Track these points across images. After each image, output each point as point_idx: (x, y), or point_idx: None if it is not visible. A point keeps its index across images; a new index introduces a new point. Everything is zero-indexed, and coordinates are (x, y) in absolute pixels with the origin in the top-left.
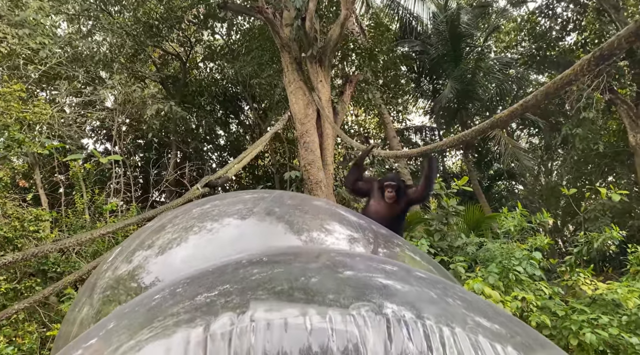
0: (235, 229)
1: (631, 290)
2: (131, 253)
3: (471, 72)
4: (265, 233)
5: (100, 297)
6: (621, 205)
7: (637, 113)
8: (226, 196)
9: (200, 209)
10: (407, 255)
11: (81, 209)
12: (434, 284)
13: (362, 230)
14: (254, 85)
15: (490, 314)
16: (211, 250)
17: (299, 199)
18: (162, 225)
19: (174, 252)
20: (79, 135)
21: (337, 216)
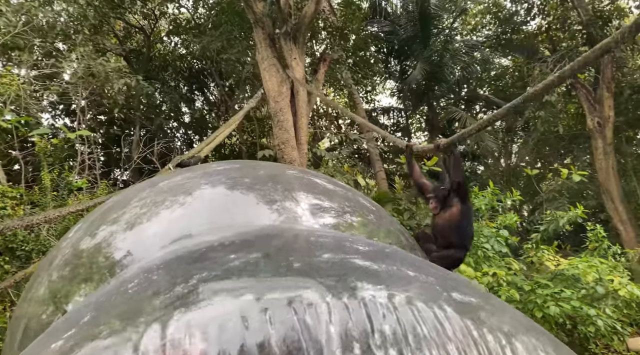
0: (205, 204)
1: (590, 266)
2: (94, 229)
3: (439, 54)
4: (236, 207)
5: (58, 276)
6: (577, 186)
7: (595, 97)
8: (195, 169)
9: (168, 183)
10: (383, 227)
11: (47, 186)
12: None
13: (335, 199)
14: (221, 61)
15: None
16: (179, 228)
17: (271, 168)
18: (128, 199)
19: (139, 227)
20: (39, 109)
21: (312, 186)
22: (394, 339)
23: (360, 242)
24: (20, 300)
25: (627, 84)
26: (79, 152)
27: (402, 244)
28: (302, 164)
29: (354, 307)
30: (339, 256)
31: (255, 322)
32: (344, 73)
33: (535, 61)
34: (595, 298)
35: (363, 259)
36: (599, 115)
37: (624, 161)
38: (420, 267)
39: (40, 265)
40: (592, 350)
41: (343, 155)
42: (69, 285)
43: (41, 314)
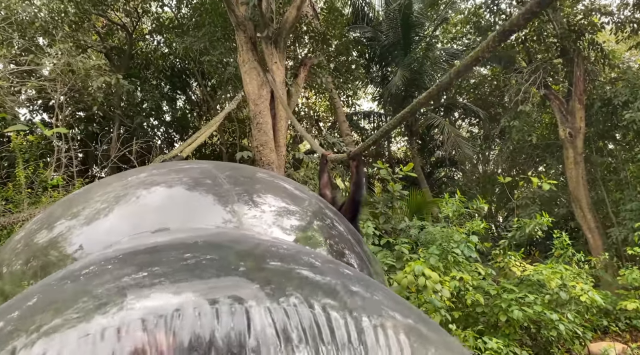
0: (163, 201)
1: (554, 272)
2: (53, 221)
3: (419, 61)
4: (194, 207)
5: (7, 270)
6: (549, 194)
7: (567, 108)
8: (164, 166)
9: (135, 178)
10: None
11: (22, 182)
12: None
13: (299, 205)
14: (204, 61)
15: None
16: (132, 225)
17: (237, 169)
18: (91, 191)
19: (99, 222)
20: (16, 105)
21: (277, 190)
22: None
23: (316, 256)
24: None
25: (598, 97)
26: (55, 149)
27: (355, 251)
28: (280, 166)
29: (276, 310)
30: (288, 266)
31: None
32: (325, 77)
33: (512, 71)
34: (559, 303)
35: (311, 271)
36: (571, 125)
37: (594, 171)
38: (369, 285)
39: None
40: (555, 353)
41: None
42: (18, 278)
43: None
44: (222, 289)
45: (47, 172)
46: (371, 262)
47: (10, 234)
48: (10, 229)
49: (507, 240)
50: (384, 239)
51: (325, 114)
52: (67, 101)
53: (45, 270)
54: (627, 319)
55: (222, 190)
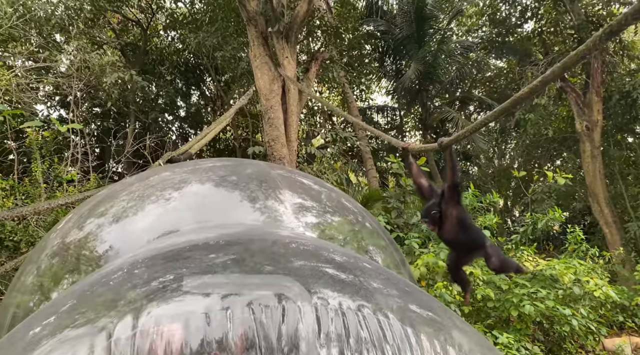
0: (193, 200)
1: (567, 267)
2: (82, 221)
3: (433, 54)
4: (220, 206)
5: (46, 266)
6: (565, 188)
7: (584, 101)
8: (185, 165)
9: (158, 177)
10: (364, 229)
11: (38, 177)
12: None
13: (321, 201)
14: (217, 57)
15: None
16: (165, 223)
17: (257, 166)
18: (116, 192)
19: (126, 221)
20: (33, 101)
21: (298, 186)
22: (337, 340)
23: (338, 252)
24: (8, 290)
25: (616, 89)
26: (71, 144)
27: (380, 246)
28: (291, 161)
29: (307, 311)
30: (312, 264)
31: (216, 319)
32: (337, 72)
33: (528, 64)
34: (572, 298)
35: (335, 269)
36: (588, 118)
37: (612, 165)
38: (389, 281)
39: (30, 256)
40: (568, 349)
41: (335, 153)
42: (56, 276)
43: (28, 303)
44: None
45: (62, 167)
46: (397, 251)
47: (27, 228)
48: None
49: (520, 234)
50: (395, 233)
51: (339, 109)
52: (83, 97)
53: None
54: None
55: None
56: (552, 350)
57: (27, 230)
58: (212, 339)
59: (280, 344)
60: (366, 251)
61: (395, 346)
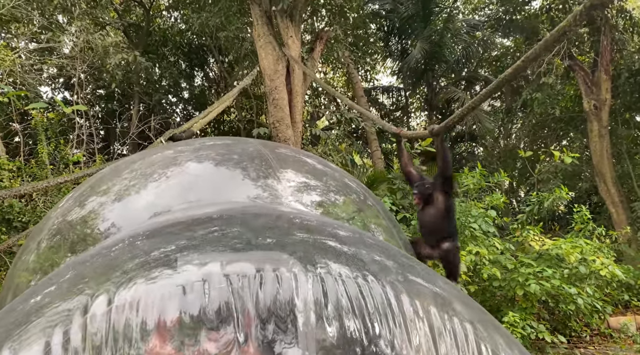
0: (192, 178)
1: (574, 246)
2: (83, 198)
3: (439, 33)
4: (222, 183)
5: (48, 242)
6: (572, 168)
7: (592, 80)
8: (189, 142)
9: (161, 155)
10: (368, 208)
11: (45, 159)
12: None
13: (324, 180)
14: (221, 37)
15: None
16: (166, 200)
17: (261, 145)
18: (118, 170)
19: (129, 199)
20: (37, 83)
21: (301, 165)
22: (344, 309)
23: (340, 227)
24: (11, 267)
25: (626, 67)
26: (76, 126)
27: (383, 226)
28: (296, 142)
29: (311, 280)
30: (314, 237)
31: (196, 292)
32: (341, 52)
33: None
34: (578, 278)
35: (337, 242)
36: (596, 97)
37: (619, 144)
38: (390, 254)
39: (31, 234)
40: (573, 327)
41: (340, 135)
42: (57, 253)
43: (30, 279)
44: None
45: (67, 149)
46: (399, 232)
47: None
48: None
49: (526, 214)
50: (401, 214)
51: (343, 89)
52: (87, 79)
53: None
54: None
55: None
56: (557, 328)
57: (35, 211)
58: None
59: (268, 313)
60: (369, 230)
61: (401, 316)
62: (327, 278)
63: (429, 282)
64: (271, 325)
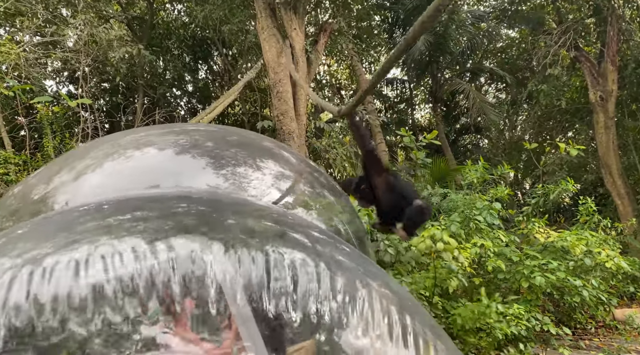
0: (154, 162)
1: (579, 238)
2: (50, 175)
3: (444, 24)
4: (183, 169)
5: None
6: (577, 159)
7: (599, 71)
8: (161, 127)
9: (131, 137)
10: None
11: (50, 153)
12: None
13: (285, 169)
14: (225, 30)
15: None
16: (122, 182)
17: (242, 136)
18: (88, 148)
19: (86, 178)
20: (42, 76)
21: (274, 157)
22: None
23: (294, 218)
24: None
25: (632, 58)
26: (81, 119)
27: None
28: (300, 135)
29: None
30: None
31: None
32: (345, 44)
33: (541, 33)
34: (584, 270)
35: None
36: (602, 89)
37: (625, 135)
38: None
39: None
40: (578, 319)
41: (344, 127)
42: (7, 223)
43: None
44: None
45: (73, 142)
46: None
47: None
48: None
49: (531, 206)
50: None
51: (347, 82)
52: (91, 72)
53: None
54: None
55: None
56: (562, 320)
57: None
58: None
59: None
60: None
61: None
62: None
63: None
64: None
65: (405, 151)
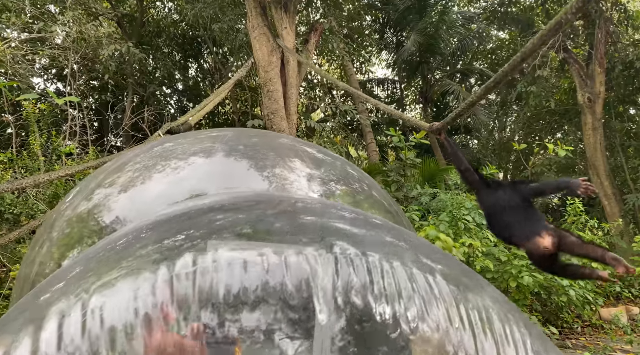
0: (199, 169)
1: None
2: (91, 192)
3: (435, 25)
4: (228, 173)
5: (60, 236)
6: (566, 161)
7: (587, 73)
8: (188, 135)
9: (162, 148)
10: (369, 197)
11: (37, 151)
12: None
13: (324, 169)
14: (215, 29)
15: (429, 253)
16: (173, 191)
17: (263, 135)
18: (123, 163)
19: (135, 191)
20: (29, 73)
21: (303, 155)
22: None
23: (346, 210)
24: (23, 261)
25: (620, 60)
26: (69, 117)
27: (386, 211)
28: (291, 134)
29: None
30: (324, 220)
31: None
32: (337, 44)
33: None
34: None
35: (346, 224)
36: (590, 90)
37: (613, 137)
38: (401, 235)
39: (42, 228)
40: (565, 319)
41: (335, 127)
42: (69, 245)
43: (43, 272)
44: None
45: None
46: (402, 219)
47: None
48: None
49: None
50: None
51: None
52: (80, 70)
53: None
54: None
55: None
56: (549, 320)
57: (27, 204)
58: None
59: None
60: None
61: (421, 296)
62: (342, 260)
63: (437, 259)
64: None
65: (395, 151)
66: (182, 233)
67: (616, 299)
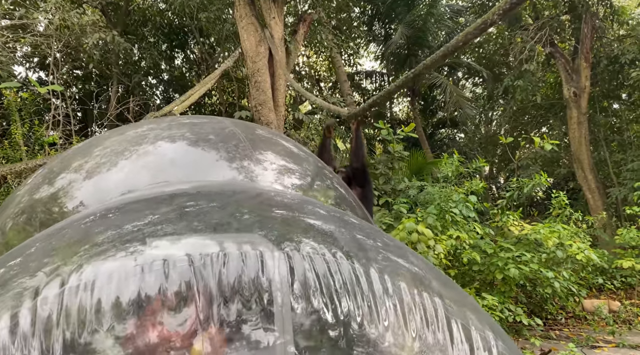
0: (167, 156)
1: (551, 231)
2: (54, 175)
3: (423, 18)
4: (198, 161)
5: (14, 221)
6: (551, 154)
7: (573, 67)
8: (164, 120)
9: (134, 132)
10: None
11: (19, 140)
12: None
13: (300, 164)
14: (202, 18)
15: (397, 253)
16: (139, 178)
17: (241, 126)
18: (91, 146)
19: (99, 177)
20: (10, 61)
21: (280, 148)
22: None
23: (318, 205)
24: None
25: (605, 55)
26: (52, 106)
27: (351, 207)
28: (279, 126)
29: (292, 258)
30: (291, 214)
31: (156, 272)
32: (325, 35)
33: (518, 29)
34: (555, 262)
35: (315, 219)
36: (576, 85)
37: (597, 131)
38: (371, 234)
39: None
40: (549, 310)
41: (323, 119)
42: (24, 232)
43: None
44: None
45: (42, 130)
46: (368, 218)
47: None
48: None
49: (506, 200)
50: (383, 199)
51: (326, 74)
52: (63, 59)
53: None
54: (622, 277)
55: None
56: (533, 311)
57: (8, 194)
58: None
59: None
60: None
61: (370, 294)
62: (295, 256)
63: (403, 259)
64: (235, 305)
65: (383, 144)
66: (126, 226)
67: (598, 291)
